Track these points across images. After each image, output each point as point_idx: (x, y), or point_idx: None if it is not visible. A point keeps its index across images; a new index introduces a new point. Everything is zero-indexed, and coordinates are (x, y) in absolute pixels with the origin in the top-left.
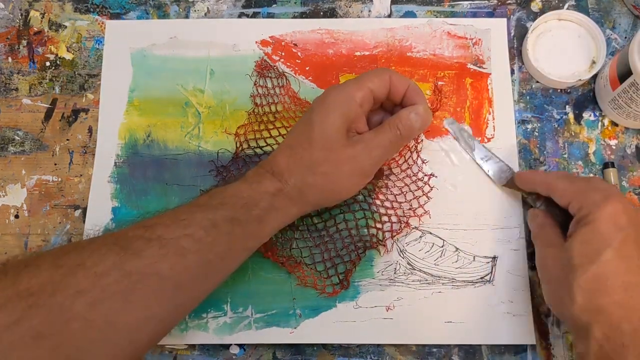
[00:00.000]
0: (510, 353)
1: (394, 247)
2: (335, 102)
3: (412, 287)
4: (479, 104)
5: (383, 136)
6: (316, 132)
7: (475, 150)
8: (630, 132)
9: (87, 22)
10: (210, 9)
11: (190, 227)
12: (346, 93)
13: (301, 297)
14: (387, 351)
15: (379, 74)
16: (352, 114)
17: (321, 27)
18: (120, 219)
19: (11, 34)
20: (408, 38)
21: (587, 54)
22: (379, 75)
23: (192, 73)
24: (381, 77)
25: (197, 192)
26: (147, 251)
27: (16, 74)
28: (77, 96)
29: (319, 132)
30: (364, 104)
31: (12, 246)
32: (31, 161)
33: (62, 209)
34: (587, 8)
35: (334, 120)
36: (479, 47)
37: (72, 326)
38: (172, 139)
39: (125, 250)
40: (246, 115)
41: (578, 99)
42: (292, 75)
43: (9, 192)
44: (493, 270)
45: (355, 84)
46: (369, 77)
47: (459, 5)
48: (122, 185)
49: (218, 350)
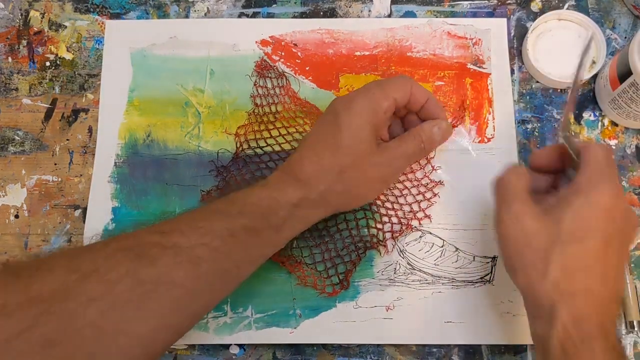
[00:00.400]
0: (510, 353)
1: (394, 247)
2: (363, 109)
3: (412, 287)
4: (479, 104)
5: (407, 146)
6: (345, 137)
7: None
8: (630, 132)
9: (87, 22)
10: (210, 9)
11: (207, 236)
12: (374, 101)
13: (301, 297)
14: (387, 351)
15: (403, 84)
16: (379, 122)
17: (321, 27)
18: (120, 219)
19: (11, 34)
20: (408, 38)
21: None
22: (402, 85)
23: (192, 73)
24: (404, 88)
25: (197, 192)
26: (162, 259)
27: (16, 74)
28: (77, 96)
29: (348, 137)
30: (388, 113)
31: (12, 246)
32: (31, 161)
33: (62, 209)
34: (587, 8)
35: (364, 127)
36: (479, 47)
37: (84, 334)
38: (172, 139)
39: (140, 258)
40: (246, 116)
41: (578, 99)
42: (292, 75)
43: (9, 192)
44: (493, 270)
45: (381, 92)
46: (394, 87)
47: (459, 5)
48: (122, 185)
49: (218, 350)
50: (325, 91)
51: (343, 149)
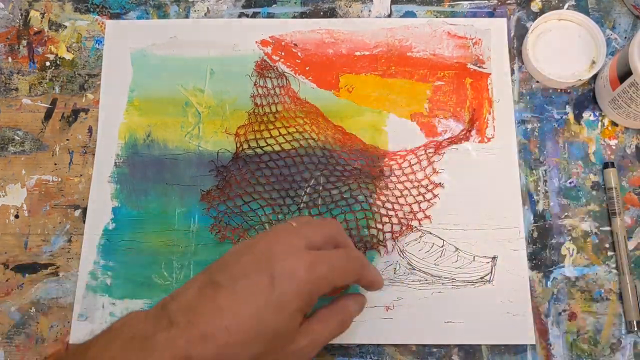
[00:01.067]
0: (510, 353)
1: (394, 248)
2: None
3: (412, 287)
4: (479, 104)
5: (328, 326)
6: (269, 329)
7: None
8: (630, 132)
9: (87, 22)
10: (210, 9)
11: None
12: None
13: None
14: (387, 351)
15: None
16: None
17: (321, 27)
18: (120, 219)
19: (11, 34)
20: (408, 38)
21: (587, 54)
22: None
23: (192, 73)
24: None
25: (197, 192)
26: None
27: (16, 74)
28: (77, 96)
29: (273, 328)
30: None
31: (12, 246)
32: (31, 161)
33: (62, 209)
34: (587, 8)
35: (295, 315)
36: (479, 47)
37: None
38: (172, 139)
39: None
40: (246, 116)
41: (578, 99)
42: (292, 75)
43: (9, 192)
44: (493, 270)
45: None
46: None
47: (459, 5)
48: (122, 185)
49: None
50: (325, 91)
51: (261, 338)
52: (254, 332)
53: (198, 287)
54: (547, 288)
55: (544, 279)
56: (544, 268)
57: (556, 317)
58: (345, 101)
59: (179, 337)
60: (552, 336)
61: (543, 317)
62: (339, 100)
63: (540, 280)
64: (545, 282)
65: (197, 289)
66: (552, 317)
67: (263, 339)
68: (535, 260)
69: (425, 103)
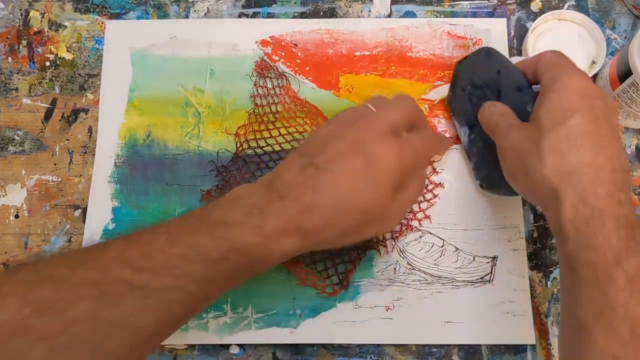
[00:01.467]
0: (510, 353)
1: (394, 247)
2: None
3: (412, 287)
4: None
5: (412, 191)
6: (370, 197)
7: None
8: (630, 132)
9: (87, 22)
10: (210, 9)
11: (183, 278)
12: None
13: (301, 297)
14: (387, 351)
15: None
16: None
17: (321, 27)
18: (120, 219)
19: (11, 34)
20: (408, 38)
21: (587, 54)
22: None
23: (192, 73)
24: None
25: (197, 192)
26: (129, 301)
27: (16, 74)
28: (77, 96)
29: (374, 196)
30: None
31: (12, 246)
32: (31, 161)
33: (62, 209)
34: (587, 8)
35: (388, 194)
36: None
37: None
38: (172, 138)
39: (104, 296)
40: (246, 116)
41: None
42: (292, 75)
43: (9, 192)
44: (493, 270)
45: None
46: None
47: (459, 5)
48: (122, 185)
49: (218, 350)
50: (325, 91)
51: (359, 213)
52: (351, 207)
53: (299, 168)
54: (547, 288)
55: (544, 279)
56: (544, 268)
57: (556, 317)
58: (345, 101)
59: (290, 207)
60: (552, 336)
61: (543, 317)
62: (339, 100)
63: (540, 280)
64: (545, 282)
65: (298, 169)
66: (552, 317)
67: (360, 213)
68: (535, 260)
69: (425, 103)
